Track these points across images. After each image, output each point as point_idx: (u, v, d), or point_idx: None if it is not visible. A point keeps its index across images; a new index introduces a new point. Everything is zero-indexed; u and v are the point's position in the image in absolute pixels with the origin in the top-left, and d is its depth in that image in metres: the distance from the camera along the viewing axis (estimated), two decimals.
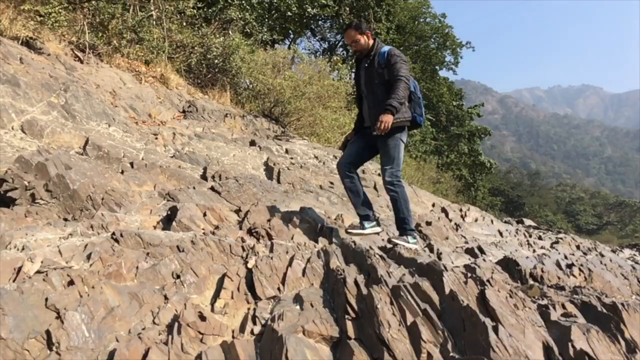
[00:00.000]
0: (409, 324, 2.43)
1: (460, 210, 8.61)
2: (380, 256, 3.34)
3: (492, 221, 8.59)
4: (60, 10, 8.66)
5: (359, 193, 4.47)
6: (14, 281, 2.34)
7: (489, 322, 2.33)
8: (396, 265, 3.30)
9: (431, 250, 4.92)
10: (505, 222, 10.51)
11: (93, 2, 10.44)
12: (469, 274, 3.16)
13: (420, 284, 2.70)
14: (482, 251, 5.36)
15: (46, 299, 2.12)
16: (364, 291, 2.68)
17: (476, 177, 33.66)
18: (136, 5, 11.90)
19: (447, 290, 2.68)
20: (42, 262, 2.48)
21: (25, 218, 3.56)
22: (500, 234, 7.54)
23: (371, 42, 4.37)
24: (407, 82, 4.12)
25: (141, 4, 12.02)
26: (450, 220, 7.32)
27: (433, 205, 8.92)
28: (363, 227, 4.37)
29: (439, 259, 4.68)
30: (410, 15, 29.44)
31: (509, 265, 4.42)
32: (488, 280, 3.16)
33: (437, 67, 32.65)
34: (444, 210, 8.18)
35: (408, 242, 4.26)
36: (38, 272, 2.37)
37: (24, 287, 2.14)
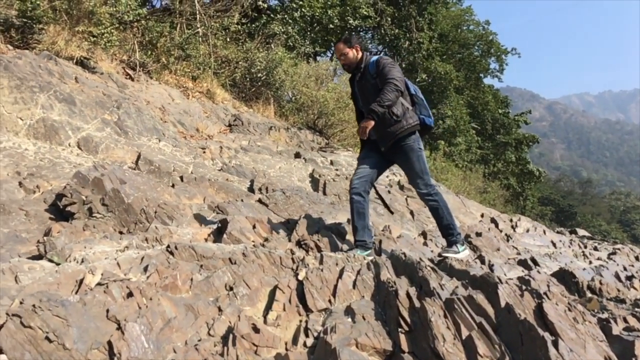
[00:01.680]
0: (464, 337, 2.38)
1: (511, 220, 8.41)
2: (432, 268, 3.28)
3: (544, 231, 8.34)
4: (112, 30, 9.02)
5: (364, 217, 4.22)
6: (76, 293, 2.42)
7: (548, 337, 2.25)
8: (448, 277, 3.24)
9: (482, 262, 4.82)
10: (558, 232, 10.19)
11: (142, 21, 10.84)
12: (524, 287, 3.06)
13: (474, 297, 2.64)
14: (535, 263, 5.21)
15: (107, 311, 2.18)
16: (417, 304, 2.64)
17: (525, 186, 32.73)
18: (183, 24, 12.29)
19: (502, 304, 2.60)
20: (102, 274, 2.56)
21: (83, 231, 3.69)
22: (554, 244, 7.31)
23: (360, 54, 4.26)
24: (396, 84, 3.95)
25: (188, 22, 12.39)
26: (501, 231, 7.15)
27: (482, 215, 8.73)
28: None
29: (491, 270, 4.57)
30: (452, 24, 29.17)
31: (565, 277, 4.28)
32: (545, 293, 3.06)
33: (482, 75, 32.13)
34: (493, 220, 8.00)
35: (458, 252, 4.16)
36: (99, 284, 2.45)
37: (86, 298, 2.21)
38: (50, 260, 3.02)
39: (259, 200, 5.46)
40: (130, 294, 2.35)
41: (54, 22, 8.21)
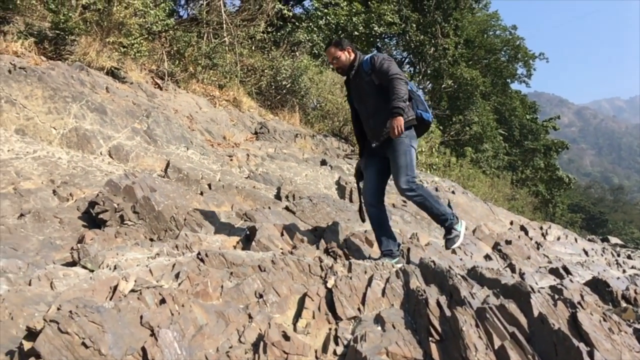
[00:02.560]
0: (496, 347, 2.34)
1: (541, 228, 8.25)
2: (462, 276, 3.24)
3: (575, 239, 8.16)
4: (141, 41, 9.21)
5: (386, 227, 4.15)
6: (110, 299, 2.47)
7: (583, 347, 2.20)
8: (479, 286, 3.19)
9: (513, 271, 4.73)
10: (589, 240, 9.97)
11: (170, 32, 11.03)
12: (557, 296, 3.00)
13: (506, 306, 2.59)
14: (567, 271, 5.10)
15: (141, 317, 2.21)
16: (447, 313, 2.60)
17: (554, 193, 32.13)
18: (210, 33, 12.46)
19: (535, 313, 2.55)
20: (135, 281, 2.60)
21: (115, 238, 3.76)
22: (586, 253, 7.14)
23: (352, 56, 4.16)
24: (401, 77, 3.85)
25: (215, 32, 12.56)
26: (531, 239, 7.02)
27: (511, 223, 8.59)
28: None
29: (522, 279, 4.49)
30: (478, 29, 28.86)
31: (598, 286, 4.16)
32: (579, 303, 2.99)
33: (509, 81, 31.70)
34: (523, 228, 7.87)
35: (459, 234, 4.06)
36: (132, 290, 2.49)
37: (120, 305, 2.25)
38: (84, 267, 3.08)
39: (286, 208, 5.48)
40: (162, 301, 2.38)
41: (85, 33, 8.42)
